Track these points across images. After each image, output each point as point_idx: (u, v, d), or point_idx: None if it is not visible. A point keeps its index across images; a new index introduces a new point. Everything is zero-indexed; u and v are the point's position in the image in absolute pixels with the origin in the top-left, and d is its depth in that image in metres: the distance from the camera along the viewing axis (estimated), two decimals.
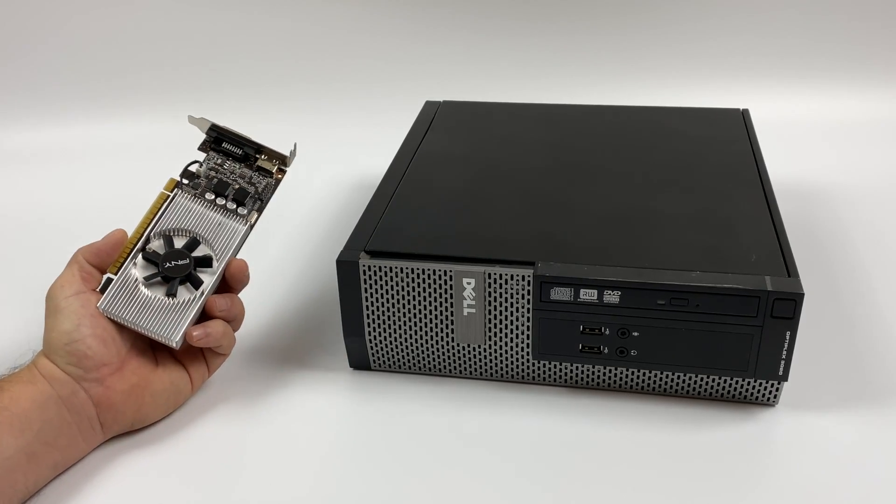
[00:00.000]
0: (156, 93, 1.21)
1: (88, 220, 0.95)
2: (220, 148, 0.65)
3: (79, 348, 0.56)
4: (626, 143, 0.81)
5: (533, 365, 0.66)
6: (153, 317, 0.59)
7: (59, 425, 0.55)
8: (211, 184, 0.64)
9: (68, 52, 1.20)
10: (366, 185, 1.00)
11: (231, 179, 0.65)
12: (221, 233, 0.63)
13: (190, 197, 0.63)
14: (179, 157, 0.67)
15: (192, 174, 0.64)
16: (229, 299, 0.62)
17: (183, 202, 0.63)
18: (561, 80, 1.24)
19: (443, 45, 1.25)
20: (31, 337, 0.74)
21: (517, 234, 0.66)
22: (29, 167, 1.10)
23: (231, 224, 0.63)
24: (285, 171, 0.66)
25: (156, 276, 0.60)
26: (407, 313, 0.65)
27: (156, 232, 0.62)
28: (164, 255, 0.61)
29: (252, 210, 0.64)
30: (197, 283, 0.61)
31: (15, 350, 0.64)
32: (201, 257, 0.62)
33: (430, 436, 0.62)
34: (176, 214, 0.62)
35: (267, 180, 0.65)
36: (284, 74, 1.24)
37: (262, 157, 0.66)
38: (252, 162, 0.66)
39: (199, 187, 0.64)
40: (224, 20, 1.23)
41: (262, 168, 0.65)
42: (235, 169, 0.65)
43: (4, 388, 0.55)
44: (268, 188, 0.65)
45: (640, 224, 0.67)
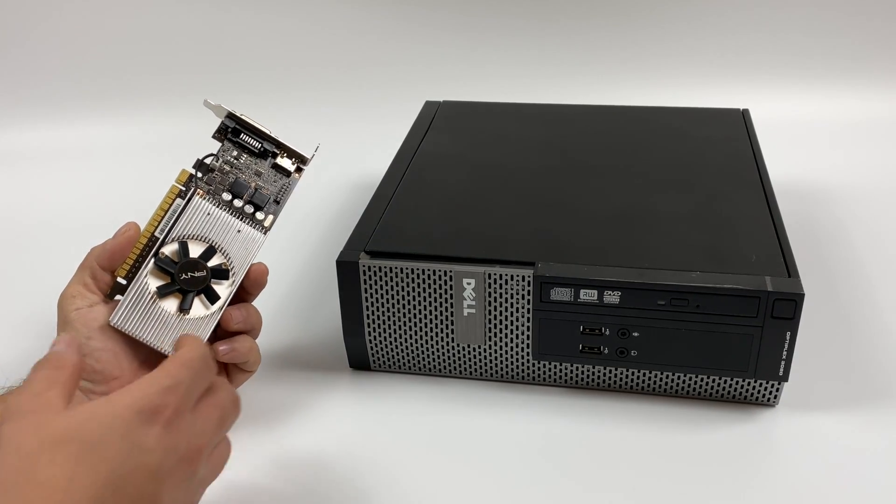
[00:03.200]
0: (155, 93, 1.21)
1: (89, 221, 0.96)
2: (237, 140, 0.61)
3: (88, 363, 0.54)
4: (626, 143, 0.81)
5: (533, 365, 0.66)
6: (168, 333, 0.56)
7: None
8: (227, 181, 0.60)
9: (68, 51, 1.20)
10: (366, 185, 1.00)
11: (248, 176, 0.61)
12: (239, 242, 0.59)
13: (206, 198, 0.59)
14: (180, 157, 0.67)
15: (207, 167, 0.60)
16: (245, 310, 0.59)
17: (201, 205, 0.59)
18: (561, 80, 1.24)
19: (443, 46, 1.25)
20: (31, 337, 0.74)
21: (517, 234, 0.66)
22: (28, 167, 1.10)
23: (250, 232, 0.60)
24: (304, 170, 0.63)
25: (170, 288, 0.57)
26: (407, 313, 0.65)
27: (171, 237, 0.58)
28: (179, 266, 0.57)
29: (268, 214, 0.61)
30: (213, 297, 0.58)
31: (15, 353, 0.63)
32: (217, 269, 0.58)
33: (430, 436, 0.62)
34: (193, 220, 0.59)
35: (284, 181, 0.62)
36: (284, 74, 1.24)
37: (281, 153, 0.62)
38: (270, 158, 0.62)
39: (213, 183, 0.60)
40: (224, 21, 1.23)
41: (280, 167, 0.62)
42: (252, 164, 0.61)
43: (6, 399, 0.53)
44: (285, 189, 0.62)
45: (640, 224, 0.67)
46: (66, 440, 0.41)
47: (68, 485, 0.39)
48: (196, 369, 0.47)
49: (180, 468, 0.44)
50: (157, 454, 0.43)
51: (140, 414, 0.43)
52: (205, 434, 0.46)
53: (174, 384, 0.45)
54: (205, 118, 0.64)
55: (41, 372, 0.45)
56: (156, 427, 0.43)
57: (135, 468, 0.42)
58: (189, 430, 0.45)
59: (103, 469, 0.40)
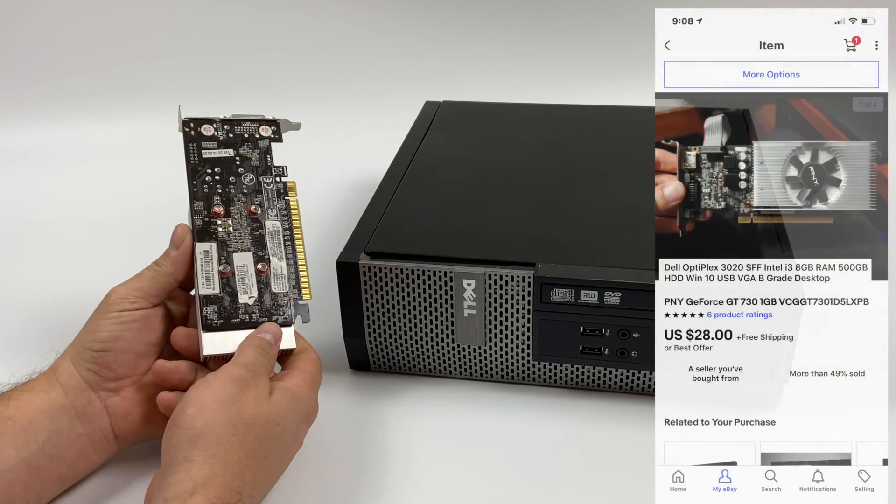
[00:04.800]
0: (155, 93, 1.21)
1: (90, 221, 0.96)
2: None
3: (105, 358, 0.55)
4: (627, 144, 0.81)
5: (533, 366, 0.66)
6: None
7: (69, 437, 0.54)
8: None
9: (68, 51, 1.19)
10: (366, 185, 1.00)
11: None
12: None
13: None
14: (180, 157, 0.66)
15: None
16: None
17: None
18: (561, 80, 1.24)
19: (443, 45, 1.25)
20: (33, 335, 0.74)
21: (517, 234, 0.66)
22: (29, 167, 1.10)
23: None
24: (275, 121, 0.63)
25: None
26: (407, 314, 0.65)
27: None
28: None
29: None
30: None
31: (16, 351, 0.64)
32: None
33: (430, 437, 0.62)
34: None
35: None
36: (284, 74, 1.24)
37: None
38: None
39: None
40: (224, 20, 1.23)
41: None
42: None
43: (13, 396, 0.54)
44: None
45: (640, 224, 0.67)
46: (273, 422, 0.52)
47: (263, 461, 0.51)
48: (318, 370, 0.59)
49: (303, 430, 0.56)
50: (300, 444, 0.56)
51: (308, 416, 0.56)
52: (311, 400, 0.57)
53: (313, 383, 0.57)
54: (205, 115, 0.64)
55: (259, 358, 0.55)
56: (307, 424, 0.56)
57: (289, 451, 0.55)
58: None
59: (277, 452, 0.53)
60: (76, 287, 0.79)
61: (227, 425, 0.49)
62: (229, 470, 0.48)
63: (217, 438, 0.49)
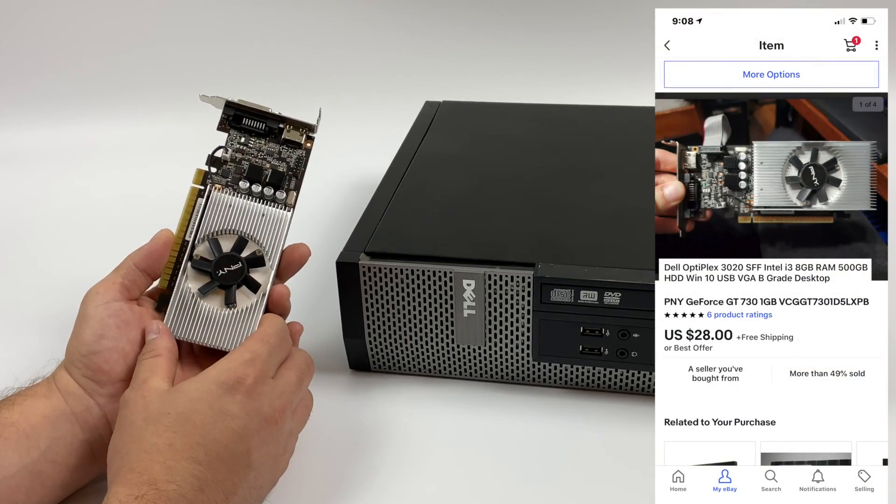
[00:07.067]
0: (157, 91, 1.21)
1: (91, 220, 0.96)
2: (240, 126, 0.61)
3: (95, 361, 0.54)
4: (626, 144, 0.81)
5: (533, 366, 0.66)
6: (221, 331, 0.57)
7: (71, 443, 0.53)
8: (241, 169, 0.60)
9: (68, 51, 1.20)
10: (366, 185, 1.00)
11: (261, 159, 0.61)
12: (267, 225, 0.59)
13: (225, 190, 0.60)
14: (184, 155, 0.66)
15: (219, 160, 0.60)
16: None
17: (220, 199, 0.59)
18: (561, 80, 1.24)
19: (443, 45, 1.25)
20: (29, 338, 0.74)
21: (517, 235, 0.66)
22: (29, 167, 1.10)
23: (274, 213, 0.59)
24: (314, 138, 0.62)
25: (211, 286, 0.58)
26: (407, 314, 0.65)
27: (200, 237, 0.58)
28: (215, 262, 0.58)
29: (290, 190, 0.60)
30: (254, 287, 0.58)
31: (18, 353, 0.63)
32: (252, 257, 0.58)
33: (430, 437, 0.62)
34: (216, 215, 0.59)
35: (297, 153, 0.61)
36: (283, 74, 1.24)
37: (287, 127, 0.62)
38: (277, 134, 0.61)
39: (229, 174, 0.60)
40: (224, 20, 1.23)
41: (290, 140, 0.61)
42: (262, 146, 0.61)
43: (17, 402, 0.53)
44: (300, 162, 0.61)
45: (640, 225, 0.67)
46: (164, 414, 0.49)
47: (168, 449, 0.48)
48: (272, 343, 0.54)
49: (265, 427, 0.51)
50: (240, 418, 0.50)
51: (223, 385, 0.50)
52: (285, 395, 0.53)
53: (252, 357, 0.52)
54: (207, 114, 0.63)
55: (143, 363, 0.54)
56: (238, 395, 0.50)
57: (222, 431, 0.49)
58: (270, 394, 0.52)
59: (195, 434, 0.48)
60: (76, 287, 0.78)
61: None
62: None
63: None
